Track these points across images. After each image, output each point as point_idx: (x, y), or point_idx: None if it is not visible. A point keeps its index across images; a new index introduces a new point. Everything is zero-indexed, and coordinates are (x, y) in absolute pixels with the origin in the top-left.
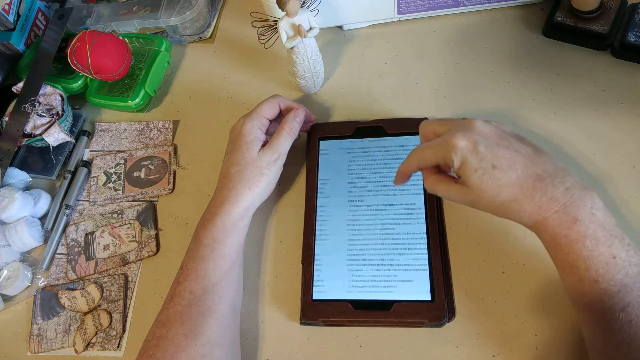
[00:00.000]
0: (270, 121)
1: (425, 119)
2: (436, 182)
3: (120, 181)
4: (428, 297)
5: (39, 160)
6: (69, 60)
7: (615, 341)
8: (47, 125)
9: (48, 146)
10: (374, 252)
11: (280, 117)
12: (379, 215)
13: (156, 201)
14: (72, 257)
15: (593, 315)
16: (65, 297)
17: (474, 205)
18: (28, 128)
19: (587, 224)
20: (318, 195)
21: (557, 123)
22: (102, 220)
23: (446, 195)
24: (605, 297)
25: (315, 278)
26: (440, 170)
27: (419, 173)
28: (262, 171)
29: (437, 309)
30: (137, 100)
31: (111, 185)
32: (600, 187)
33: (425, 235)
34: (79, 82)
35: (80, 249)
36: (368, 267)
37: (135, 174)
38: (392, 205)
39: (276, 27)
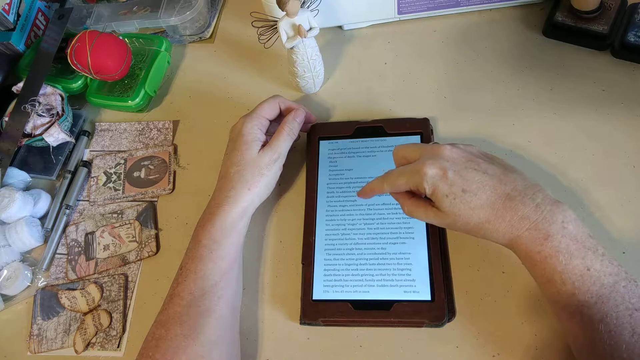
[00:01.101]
0: (271, 121)
1: (425, 119)
2: (414, 207)
3: (120, 181)
4: (428, 297)
5: (39, 160)
6: (69, 60)
7: (597, 351)
8: (47, 125)
9: (48, 146)
10: (373, 252)
11: (280, 117)
12: (379, 215)
13: (156, 201)
14: (72, 257)
15: (574, 326)
16: (65, 297)
17: (451, 228)
18: (28, 128)
19: (559, 238)
20: (318, 195)
21: (557, 123)
22: (102, 220)
23: (425, 219)
24: (584, 309)
25: (315, 278)
26: (414, 194)
27: None
28: (262, 171)
29: (437, 309)
30: (137, 100)
31: (111, 185)
32: (599, 188)
33: (425, 235)
34: (79, 82)
35: (80, 249)
36: (368, 267)
37: (135, 174)
38: (392, 205)
39: (276, 27)
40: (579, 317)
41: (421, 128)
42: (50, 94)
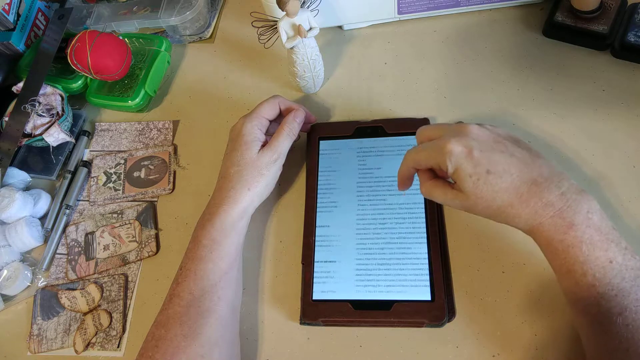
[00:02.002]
0: (270, 122)
1: (425, 119)
2: (433, 187)
3: (120, 181)
4: (428, 297)
5: (39, 160)
6: (69, 60)
7: (612, 345)
8: (47, 125)
9: (48, 146)
10: (373, 252)
11: (280, 117)
12: (379, 215)
13: (156, 201)
14: (72, 257)
15: (591, 319)
16: (65, 297)
17: (471, 211)
18: (28, 128)
19: (583, 228)
20: (318, 195)
21: (556, 123)
22: (102, 220)
23: (443, 201)
24: (603, 301)
25: (315, 278)
26: (437, 175)
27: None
28: (261, 171)
29: (437, 309)
30: (137, 100)
31: (111, 185)
32: (600, 188)
33: (425, 235)
34: (79, 82)
35: (80, 249)
36: (368, 267)
37: (135, 174)
38: (392, 205)
39: (276, 27)
40: (596, 310)
41: None
42: (50, 94)
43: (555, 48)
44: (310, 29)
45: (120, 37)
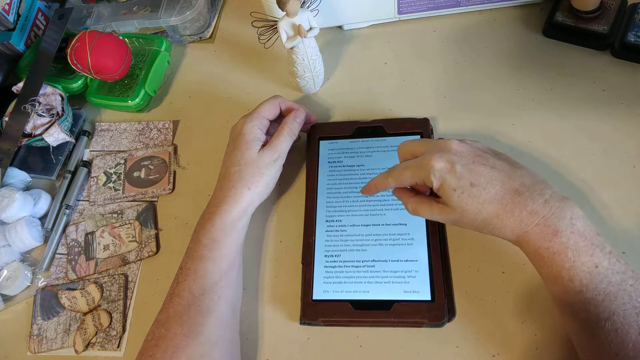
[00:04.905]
0: (271, 122)
1: (425, 119)
2: (418, 204)
3: (120, 181)
4: (428, 297)
5: (39, 160)
6: (69, 60)
7: (602, 350)
8: (47, 125)
9: (48, 146)
10: (374, 251)
11: (280, 117)
12: (379, 216)
13: (156, 201)
14: (72, 257)
15: (580, 324)
16: (65, 297)
17: (458, 224)
18: (28, 128)
19: (567, 234)
20: (318, 195)
21: (557, 123)
22: (102, 220)
23: (430, 217)
24: (591, 306)
25: (315, 278)
26: (417, 192)
27: None
28: (262, 171)
29: (437, 309)
30: (137, 100)
31: (111, 185)
32: (599, 188)
33: (425, 235)
34: (79, 82)
35: (80, 249)
36: (368, 267)
37: (135, 174)
38: (392, 205)
39: (276, 27)
40: (584, 315)
41: (421, 128)
42: (50, 94)
43: (555, 48)
44: (310, 29)
45: (120, 37)
